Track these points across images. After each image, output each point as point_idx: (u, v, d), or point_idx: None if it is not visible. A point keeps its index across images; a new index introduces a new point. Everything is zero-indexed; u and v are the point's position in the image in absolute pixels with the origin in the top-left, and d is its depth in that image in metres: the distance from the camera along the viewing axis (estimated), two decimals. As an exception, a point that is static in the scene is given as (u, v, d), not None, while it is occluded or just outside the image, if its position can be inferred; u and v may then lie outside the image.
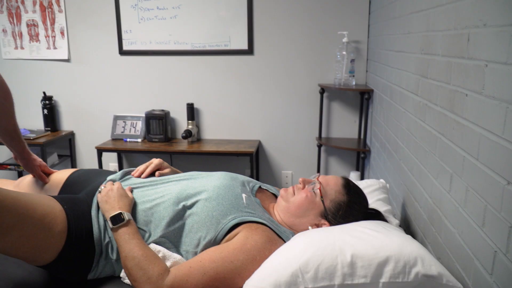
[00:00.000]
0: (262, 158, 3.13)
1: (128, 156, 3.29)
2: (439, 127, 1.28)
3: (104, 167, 3.17)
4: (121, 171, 1.47)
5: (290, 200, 1.33)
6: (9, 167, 3.08)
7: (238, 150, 2.84)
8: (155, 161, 1.49)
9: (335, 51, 2.83)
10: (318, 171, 3.00)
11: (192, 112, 3.04)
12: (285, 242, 1.21)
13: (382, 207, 1.50)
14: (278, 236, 1.22)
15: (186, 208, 1.25)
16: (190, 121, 3.05)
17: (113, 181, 1.38)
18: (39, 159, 1.60)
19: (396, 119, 1.89)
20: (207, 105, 3.11)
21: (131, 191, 1.32)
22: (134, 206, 1.27)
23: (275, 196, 1.48)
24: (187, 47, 3.01)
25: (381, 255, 1.04)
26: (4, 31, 3.16)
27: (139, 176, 1.45)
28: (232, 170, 3.09)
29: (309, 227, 1.28)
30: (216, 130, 3.14)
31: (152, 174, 1.46)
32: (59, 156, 3.26)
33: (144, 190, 1.33)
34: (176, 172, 1.54)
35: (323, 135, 3.00)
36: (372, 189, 1.61)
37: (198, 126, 3.14)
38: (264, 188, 1.47)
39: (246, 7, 2.88)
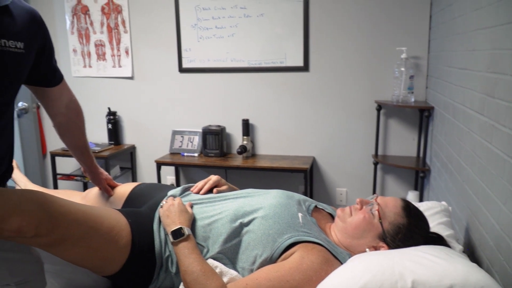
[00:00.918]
0: (316, 175, 3.11)
1: (185, 170, 3.39)
2: (508, 150, 1.21)
3: (162, 180, 3.28)
4: (181, 187, 1.52)
5: (347, 220, 1.32)
6: (75, 178, 3.27)
7: (292, 166, 2.85)
8: (213, 178, 1.53)
9: (393, 67, 2.78)
10: (374, 189, 2.93)
11: (247, 127, 3.09)
12: (341, 263, 1.19)
13: (444, 232, 1.44)
14: (335, 257, 1.20)
15: (243, 225, 1.27)
16: (245, 137, 3.10)
17: (174, 196, 1.44)
18: (105, 173, 1.69)
19: (460, 138, 1.82)
20: (262, 121, 3.15)
21: (191, 206, 1.36)
22: (193, 222, 1.31)
23: (331, 216, 1.46)
24: (244, 64, 3.08)
25: (444, 283, 1.00)
26: (74, 50, 3.40)
27: (197, 192, 1.49)
28: (285, 186, 3.11)
29: (367, 250, 1.26)
30: (271, 146, 3.17)
31: (210, 190, 1.49)
32: (121, 168, 3.42)
33: (203, 206, 1.37)
34: (233, 189, 1.57)
35: (379, 152, 2.93)
36: (433, 212, 1.55)
37: (253, 142, 3.18)
38: (320, 207, 1.47)
39: (302, 24, 2.90)
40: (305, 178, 2.83)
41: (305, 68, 2.97)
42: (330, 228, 1.36)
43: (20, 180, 1.84)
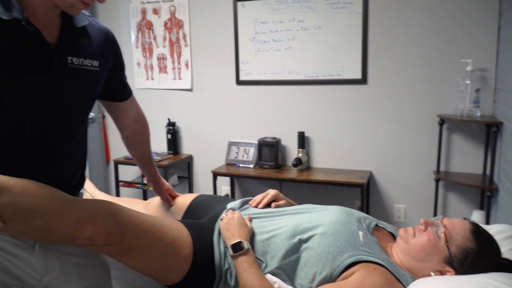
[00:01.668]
0: (373, 190, 3.03)
1: (240, 181, 3.43)
2: None
3: (218, 190, 3.34)
4: (240, 200, 1.54)
5: (410, 241, 1.27)
6: (136, 185, 3.41)
7: (348, 180, 2.79)
8: (271, 192, 1.54)
9: (457, 80, 2.66)
10: (435, 206, 2.80)
11: (302, 140, 3.08)
12: (404, 286, 1.15)
13: (517, 257, 1.35)
14: (397, 279, 1.16)
15: (301, 241, 1.26)
16: (300, 149, 3.09)
17: (233, 209, 1.46)
18: (167, 183, 1.75)
19: (533, 157, 1.70)
20: (318, 134, 3.12)
21: (250, 220, 1.37)
22: (252, 236, 1.32)
23: (393, 236, 1.42)
24: (300, 77, 3.08)
25: (519, 315, 0.94)
26: (138, 64, 3.56)
27: (256, 206, 1.50)
28: (341, 200, 3.06)
29: (432, 273, 1.20)
30: (326, 159, 3.13)
31: (268, 205, 1.50)
32: (179, 177, 3.52)
33: (262, 220, 1.37)
34: (291, 204, 1.56)
35: (441, 168, 2.81)
36: (504, 236, 1.45)
37: (308, 155, 3.16)
38: (381, 226, 1.42)
39: (360, 36, 2.87)
40: (362, 193, 2.77)
41: (363, 80, 2.92)
42: (391, 249, 1.32)
43: (87, 187, 1.94)
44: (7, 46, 0.98)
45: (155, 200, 1.83)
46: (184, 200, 1.72)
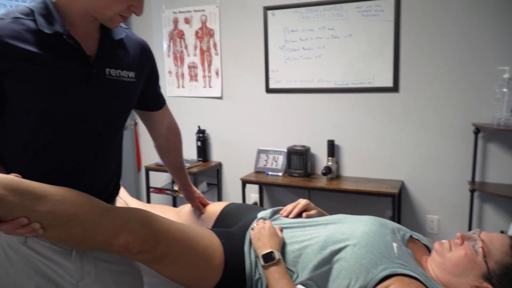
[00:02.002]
0: (404, 200, 2.97)
1: (269, 189, 3.43)
2: None
3: (247, 198, 3.35)
4: (271, 210, 1.53)
5: (446, 255, 1.23)
6: (166, 191, 3.46)
7: (379, 190, 2.75)
8: (302, 202, 1.53)
9: (493, 87, 2.59)
10: (470, 218, 2.72)
11: (332, 148, 3.06)
12: (440, 302, 1.12)
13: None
14: (433, 294, 1.13)
15: (333, 253, 1.24)
16: (330, 158, 3.06)
17: (263, 218, 1.45)
18: (198, 191, 1.76)
19: None
20: (348, 142, 3.09)
21: (281, 230, 1.37)
22: (283, 246, 1.31)
23: (428, 248, 1.38)
24: (330, 85, 3.06)
25: None
26: (169, 72, 3.63)
27: (287, 216, 1.49)
28: (372, 210, 3.01)
29: (469, 289, 1.16)
30: (356, 168, 3.09)
31: (299, 214, 1.49)
32: (208, 184, 3.55)
33: (293, 231, 1.37)
34: (322, 214, 1.55)
35: (476, 179, 2.72)
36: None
37: (337, 163, 3.13)
38: (416, 237, 1.39)
39: (392, 44, 2.83)
40: (393, 203, 2.71)
41: (394, 88, 2.88)
42: (426, 262, 1.28)
43: (121, 194, 1.98)
44: (49, 59, 1.02)
45: (186, 208, 1.85)
46: (214, 208, 1.73)
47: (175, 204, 3.69)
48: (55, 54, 1.03)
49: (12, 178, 0.95)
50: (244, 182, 3.15)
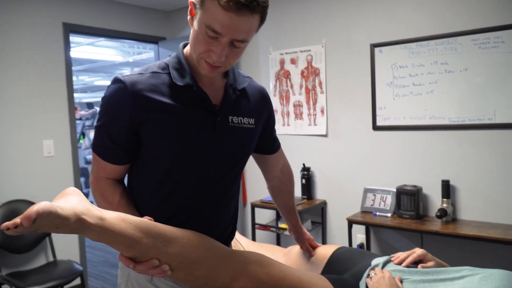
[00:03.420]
0: (536, 250, 2.63)
1: (376, 230, 3.28)
2: None
3: (353, 238, 3.24)
4: (386, 257, 1.46)
5: None
6: (271, 228, 3.49)
7: (506, 237, 2.47)
8: (418, 251, 1.43)
9: None
10: None
11: (447, 189, 2.85)
12: None
13: None
14: None
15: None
16: (444, 199, 2.85)
17: (377, 266, 1.39)
18: (308, 233, 1.75)
19: None
20: (465, 183, 2.85)
21: (401, 281, 1.29)
22: (403, 299, 1.23)
23: None
24: (444, 122, 2.89)
25: None
26: (275, 111, 3.74)
27: (399, 263, 1.41)
28: (496, 260, 2.70)
29: None
30: (476, 211, 2.83)
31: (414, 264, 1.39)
32: (312, 223, 3.52)
33: (415, 284, 1.28)
34: (441, 265, 1.43)
35: None
36: None
37: (453, 205, 2.89)
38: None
39: (516, 77, 2.60)
40: (523, 254, 2.42)
41: (520, 125, 2.62)
42: None
43: (236, 235, 2.04)
44: (181, 109, 1.12)
45: (295, 249, 1.84)
46: (325, 251, 1.70)
47: (278, 241, 3.70)
48: (186, 104, 1.13)
49: (147, 221, 1.04)
50: (351, 222, 3.06)
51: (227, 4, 0.96)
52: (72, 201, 0.94)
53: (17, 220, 0.80)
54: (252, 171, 1.52)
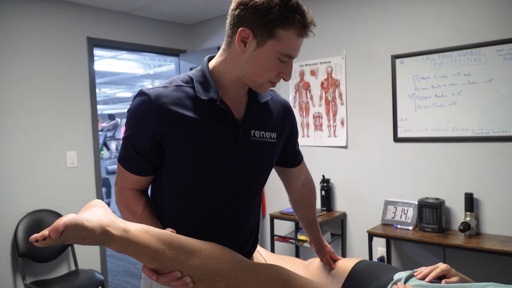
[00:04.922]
0: None
1: (397, 243, 3.23)
2: None
3: (373, 251, 3.19)
4: (409, 272, 1.44)
5: None
6: (290, 240, 3.47)
7: (532, 253, 2.40)
8: (441, 266, 1.40)
9: None
10: None
11: (471, 202, 2.79)
12: None
13: None
14: None
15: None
16: (468, 213, 2.79)
17: (399, 280, 1.36)
18: (329, 246, 1.74)
19: None
20: (490, 196, 2.79)
21: (424, 298, 1.27)
22: (427, 316, 1.21)
23: None
24: (467, 134, 2.84)
25: None
26: (295, 122, 3.73)
27: (422, 278, 1.38)
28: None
29: None
30: (501, 225, 2.76)
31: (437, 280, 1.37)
32: (332, 235, 3.48)
33: (438, 299, 1.25)
34: (465, 281, 1.40)
35: None
36: None
37: (477, 219, 2.83)
38: None
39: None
40: (552, 270, 2.34)
41: (547, 137, 2.56)
42: None
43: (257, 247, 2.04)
44: (203, 122, 1.13)
45: (316, 262, 1.82)
46: (346, 264, 1.68)
47: (297, 253, 3.67)
48: (209, 118, 1.14)
49: (169, 233, 1.05)
50: (371, 235, 3.02)
51: (304, 31, 1.09)
52: (98, 213, 0.95)
53: (45, 232, 0.82)
54: (271, 182, 1.52)
